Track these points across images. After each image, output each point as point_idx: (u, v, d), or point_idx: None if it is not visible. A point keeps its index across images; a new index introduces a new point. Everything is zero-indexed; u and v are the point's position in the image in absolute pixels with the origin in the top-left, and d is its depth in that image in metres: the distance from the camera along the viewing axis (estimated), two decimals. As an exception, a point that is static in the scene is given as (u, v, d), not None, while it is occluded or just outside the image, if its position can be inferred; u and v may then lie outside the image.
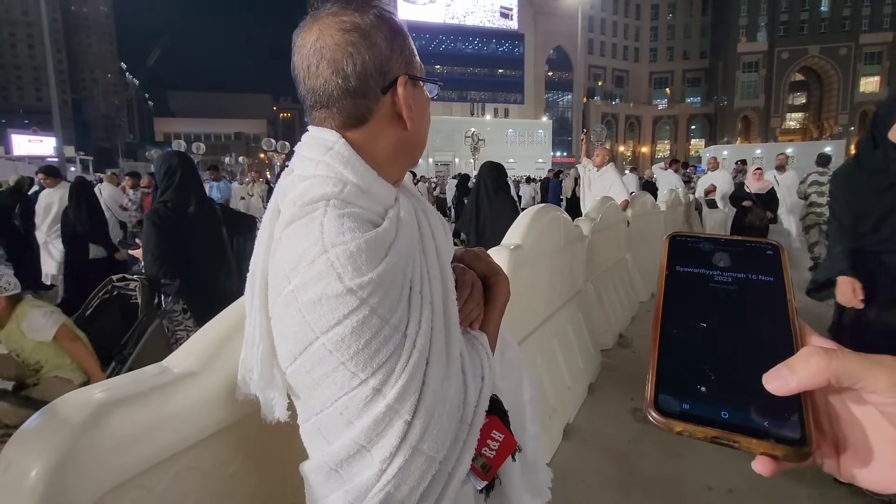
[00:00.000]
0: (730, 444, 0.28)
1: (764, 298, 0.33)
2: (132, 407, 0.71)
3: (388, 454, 0.56)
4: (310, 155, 0.66)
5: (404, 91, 0.66)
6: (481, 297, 0.77)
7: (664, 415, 0.29)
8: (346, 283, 0.55)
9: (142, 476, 0.73)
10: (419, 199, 0.75)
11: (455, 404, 0.62)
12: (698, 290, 0.34)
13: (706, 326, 0.32)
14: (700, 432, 0.28)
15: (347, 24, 0.64)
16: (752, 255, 0.36)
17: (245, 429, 0.91)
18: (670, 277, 0.36)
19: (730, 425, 0.28)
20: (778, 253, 0.35)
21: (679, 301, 0.34)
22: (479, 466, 0.69)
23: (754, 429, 0.28)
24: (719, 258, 0.36)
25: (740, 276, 0.34)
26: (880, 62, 51.21)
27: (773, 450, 0.27)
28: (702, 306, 0.33)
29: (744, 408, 0.28)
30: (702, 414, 0.28)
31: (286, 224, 0.62)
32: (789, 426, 0.27)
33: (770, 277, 0.34)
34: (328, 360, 0.56)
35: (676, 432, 0.28)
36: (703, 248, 0.37)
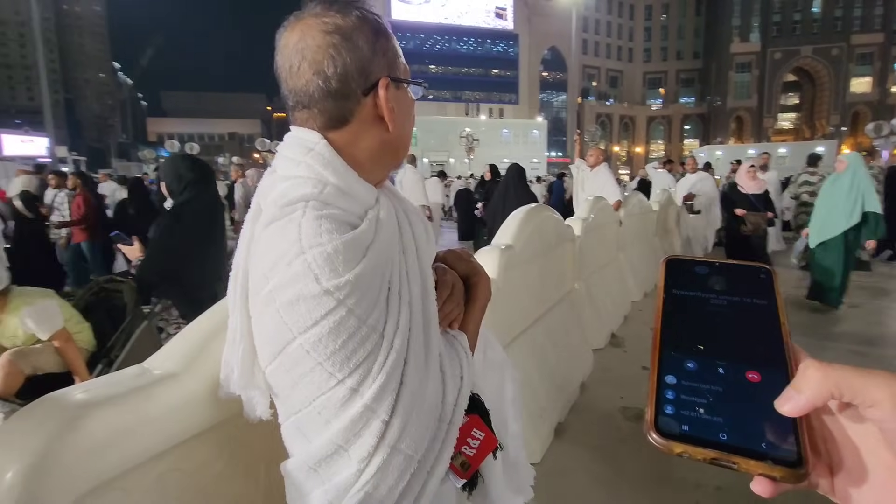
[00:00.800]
0: (729, 465, 0.28)
1: (758, 321, 0.34)
2: (110, 409, 0.71)
3: (367, 454, 0.56)
4: (291, 155, 0.66)
5: (386, 93, 0.67)
6: (462, 297, 0.77)
7: (664, 436, 0.29)
8: (323, 285, 0.55)
9: (121, 478, 0.73)
10: (401, 200, 0.76)
11: (433, 403, 0.62)
12: (695, 313, 0.35)
13: (703, 349, 0.33)
14: (699, 454, 0.29)
15: (329, 26, 0.64)
16: (745, 279, 0.37)
17: (229, 429, 0.91)
18: (668, 300, 0.36)
19: (728, 447, 0.28)
20: (770, 277, 0.36)
21: (677, 324, 0.35)
22: (459, 465, 0.70)
23: (752, 450, 0.28)
24: (715, 282, 0.37)
25: (735, 300, 0.35)
26: (872, 63, 51.66)
27: (771, 471, 0.28)
28: (699, 329, 0.34)
29: (741, 430, 0.29)
30: (701, 436, 0.29)
31: (265, 225, 0.62)
32: (786, 448, 0.28)
33: (763, 301, 0.35)
34: (306, 360, 0.56)
35: (677, 453, 0.29)
36: (699, 271, 0.38)
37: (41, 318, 2.02)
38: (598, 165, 5.31)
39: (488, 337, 0.89)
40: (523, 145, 46.66)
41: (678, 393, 0.31)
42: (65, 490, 0.66)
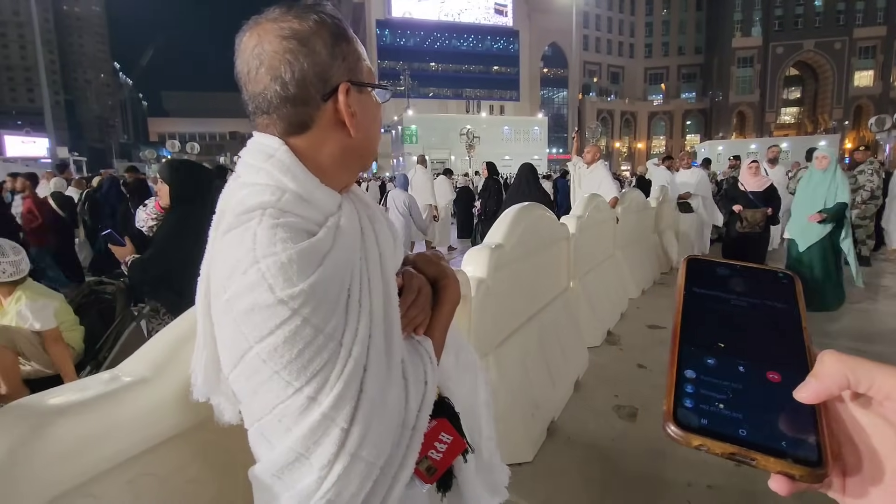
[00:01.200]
0: (747, 461, 0.28)
1: (779, 324, 0.34)
2: (77, 415, 0.71)
3: (327, 461, 0.56)
4: (252, 161, 0.66)
5: (345, 99, 0.66)
6: (428, 301, 0.77)
7: (683, 428, 0.29)
8: (277, 294, 0.55)
9: (90, 484, 0.73)
10: (367, 206, 0.75)
11: (395, 410, 0.62)
12: (715, 311, 0.35)
13: (724, 347, 0.33)
14: (718, 447, 0.28)
15: (286, 31, 0.64)
16: (766, 283, 0.37)
17: (204, 434, 0.91)
18: (688, 297, 0.36)
19: (747, 442, 0.28)
20: (792, 282, 0.36)
21: (697, 320, 0.35)
22: (424, 469, 0.70)
23: (772, 448, 0.28)
24: (735, 283, 0.37)
25: (755, 302, 0.35)
26: (874, 56, 51.38)
27: (791, 469, 0.27)
28: (719, 326, 0.34)
29: (761, 427, 0.29)
30: (720, 430, 0.29)
31: (224, 232, 0.62)
32: (807, 447, 0.28)
33: (784, 304, 0.35)
34: (263, 369, 0.56)
35: (695, 446, 0.29)
36: (720, 272, 0.38)
37: (37, 313, 2.06)
38: (594, 162, 5.30)
39: (460, 340, 0.89)
40: (524, 142, 46.57)
41: (698, 387, 0.31)
42: (31, 497, 0.66)
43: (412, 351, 0.70)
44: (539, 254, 2.89)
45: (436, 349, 0.74)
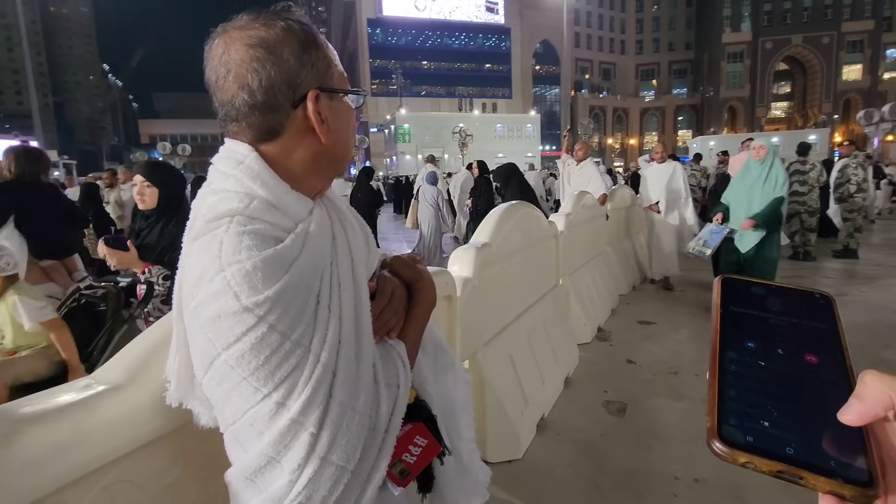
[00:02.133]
0: (795, 479, 0.27)
1: (820, 343, 0.34)
2: (46, 424, 0.71)
3: (297, 465, 0.57)
4: (222, 168, 0.67)
5: (315, 106, 0.66)
6: (401, 305, 0.77)
7: (728, 445, 0.29)
8: (243, 302, 0.55)
9: (63, 491, 0.73)
10: (340, 211, 0.75)
11: (366, 414, 0.63)
12: (755, 329, 0.35)
13: (765, 365, 0.32)
14: (766, 465, 0.28)
15: (253, 39, 0.64)
16: (803, 302, 0.36)
17: (182, 438, 0.91)
18: (726, 314, 0.36)
19: (796, 461, 0.28)
20: (830, 303, 0.36)
21: (736, 336, 0.34)
22: (398, 472, 0.70)
23: (821, 467, 0.28)
24: (771, 303, 0.36)
25: (794, 321, 0.35)
26: (862, 50, 51.82)
27: (841, 489, 0.27)
28: (758, 344, 0.34)
29: (809, 446, 0.28)
30: (767, 447, 0.28)
31: (193, 239, 0.63)
32: (857, 467, 0.27)
33: (823, 325, 0.35)
34: (231, 376, 0.57)
35: (741, 463, 0.28)
36: (755, 291, 0.37)
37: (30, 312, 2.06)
38: (584, 160, 5.32)
39: (439, 342, 0.89)
40: (517, 140, 46.61)
41: (742, 405, 0.30)
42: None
43: (385, 355, 0.70)
44: (527, 252, 2.90)
45: (410, 352, 0.74)
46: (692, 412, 2.66)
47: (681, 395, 2.88)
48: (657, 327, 4.13)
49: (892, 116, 14.90)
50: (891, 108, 14.96)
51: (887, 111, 14.87)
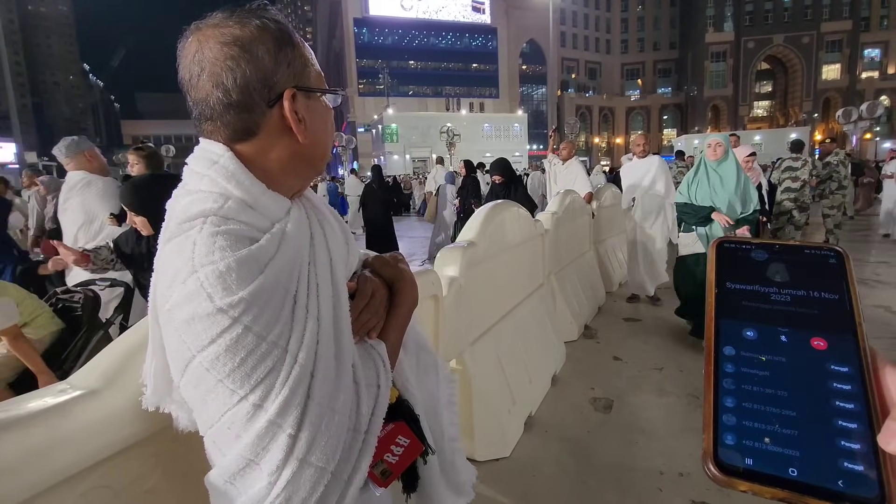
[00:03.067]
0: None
1: (830, 319, 0.30)
2: (18, 431, 0.69)
3: (276, 467, 0.56)
4: (197, 169, 0.66)
5: (291, 105, 0.65)
6: (382, 305, 0.77)
7: (725, 472, 0.26)
8: (216, 303, 0.55)
9: (38, 498, 0.72)
10: (319, 211, 0.75)
11: (346, 415, 0.62)
12: (755, 312, 0.31)
13: (766, 360, 0.29)
14: (767, 493, 0.26)
15: (227, 37, 0.63)
16: (811, 266, 0.32)
17: (161, 443, 0.90)
18: (721, 298, 0.32)
19: (800, 485, 0.25)
20: (842, 261, 0.32)
21: (734, 326, 0.30)
22: (379, 473, 0.70)
23: (828, 490, 0.25)
24: (775, 270, 0.32)
25: (801, 294, 0.31)
26: (841, 49, 52.91)
27: None
28: (761, 333, 0.30)
29: (815, 464, 0.26)
30: (767, 471, 0.26)
31: (166, 241, 0.62)
32: (868, 483, 0.25)
33: (835, 294, 0.31)
34: (207, 378, 0.56)
35: (741, 491, 0.26)
36: (756, 257, 0.33)
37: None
38: (570, 159, 5.36)
39: (421, 341, 0.89)
40: (505, 139, 46.75)
41: (740, 418, 0.27)
42: (-25, 514, 0.65)
43: (364, 355, 0.70)
44: (514, 250, 2.91)
45: (391, 352, 0.74)
46: (676, 408, 2.70)
47: (665, 391, 2.92)
48: (643, 324, 4.18)
49: (869, 115, 15.23)
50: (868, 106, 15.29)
51: (865, 110, 15.20)
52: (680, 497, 2.02)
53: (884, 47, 54.10)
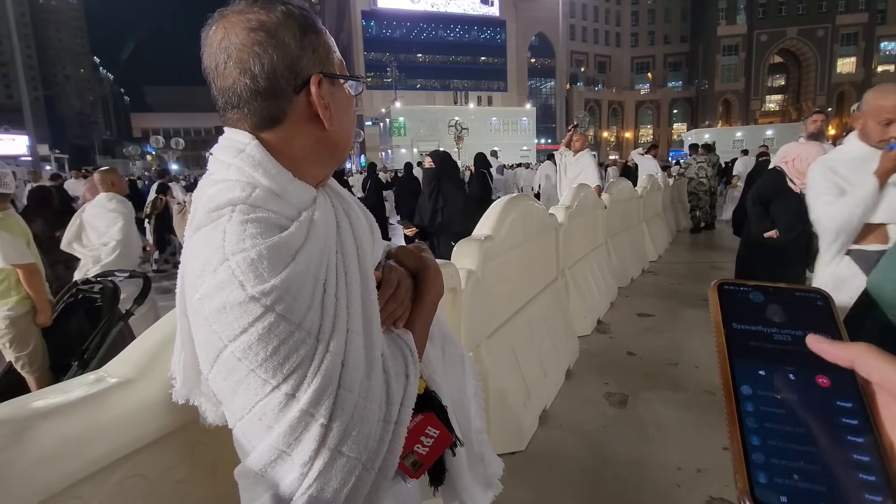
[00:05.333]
0: None
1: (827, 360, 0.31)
2: (59, 419, 0.70)
3: (308, 458, 0.56)
4: (222, 158, 0.65)
5: (318, 90, 0.65)
6: (407, 294, 0.76)
7: None
8: (249, 291, 0.54)
9: (77, 486, 0.72)
10: (344, 199, 0.74)
11: (376, 405, 0.62)
12: (762, 351, 0.32)
13: (780, 398, 0.30)
14: None
15: (253, 23, 0.62)
16: (803, 307, 0.34)
17: (192, 434, 0.90)
18: (731, 338, 0.33)
19: None
20: (828, 302, 0.34)
21: (746, 365, 0.31)
22: (410, 464, 0.69)
23: None
24: (773, 311, 0.34)
25: (799, 334, 0.32)
26: (856, 43, 51.96)
27: None
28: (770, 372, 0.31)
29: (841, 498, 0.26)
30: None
31: (194, 231, 0.61)
32: None
33: (827, 334, 0.32)
34: (239, 368, 0.56)
35: None
36: (754, 299, 0.34)
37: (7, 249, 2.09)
38: (581, 151, 5.33)
39: (446, 332, 0.88)
40: (512, 133, 46.53)
41: (768, 456, 0.28)
42: (19, 501, 0.65)
43: (392, 345, 0.69)
44: (528, 244, 2.89)
45: (417, 342, 0.73)
46: (692, 403, 2.68)
47: (681, 386, 2.90)
48: (656, 319, 4.15)
49: (885, 109, 14.95)
50: (885, 100, 15.01)
51: (881, 104, 14.93)
52: (698, 493, 2.01)
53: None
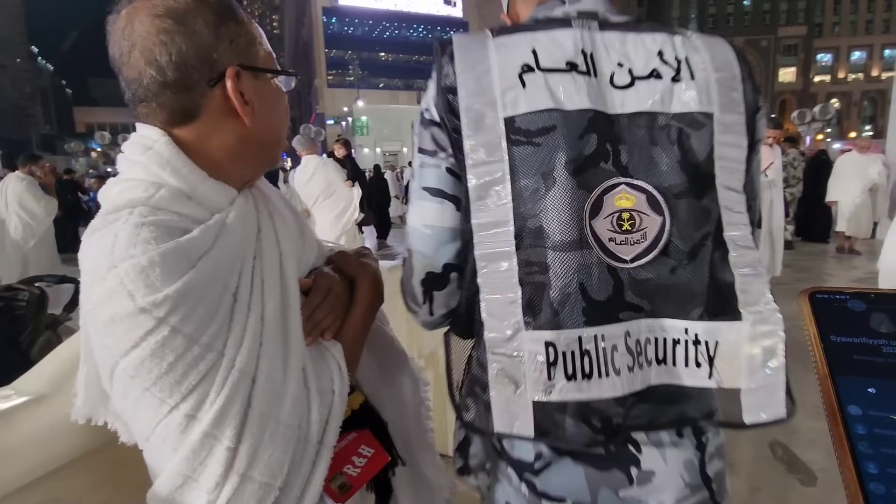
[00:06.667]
0: None
1: None
2: (-47, 443, 0.64)
3: (215, 484, 0.52)
4: (130, 155, 0.61)
5: (235, 84, 0.60)
6: (340, 303, 0.71)
7: None
8: (138, 302, 0.50)
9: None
10: (270, 202, 0.70)
11: (293, 425, 0.58)
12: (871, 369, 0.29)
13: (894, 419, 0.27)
14: None
15: (160, 9, 0.58)
16: None
17: (116, 452, 0.85)
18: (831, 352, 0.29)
19: None
20: None
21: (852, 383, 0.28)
22: (337, 487, 0.64)
23: None
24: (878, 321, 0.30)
25: None
26: (796, 53, 55.43)
27: None
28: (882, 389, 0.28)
29: None
30: None
31: (89, 234, 0.56)
32: None
33: None
34: (133, 386, 0.52)
35: None
36: (854, 307, 0.31)
37: None
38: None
39: (392, 342, 0.84)
40: (476, 134, 46.81)
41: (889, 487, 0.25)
42: None
43: (318, 358, 0.65)
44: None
45: (349, 355, 0.69)
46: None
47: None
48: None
49: (821, 117, 15.99)
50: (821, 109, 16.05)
51: (818, 112, 15.94)
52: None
53: (835, 52, 57.02)
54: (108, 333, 0.52)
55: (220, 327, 0.54)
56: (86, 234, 0.57)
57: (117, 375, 0.53)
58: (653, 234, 0.59)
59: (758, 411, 0.60)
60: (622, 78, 0.62)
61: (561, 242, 0.58)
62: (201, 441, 0.52)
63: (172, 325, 0.51)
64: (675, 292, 0.61)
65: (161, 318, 0.50)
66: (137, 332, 0.50)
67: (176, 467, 0.53)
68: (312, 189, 4.35)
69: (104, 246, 0.53)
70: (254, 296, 0.59)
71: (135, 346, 0.50)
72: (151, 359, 0.50)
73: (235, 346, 0.55)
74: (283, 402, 0.57)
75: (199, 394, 0.52)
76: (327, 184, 4.35)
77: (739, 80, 0.65)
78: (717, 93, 0.62)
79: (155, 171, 0.58)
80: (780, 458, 2.24)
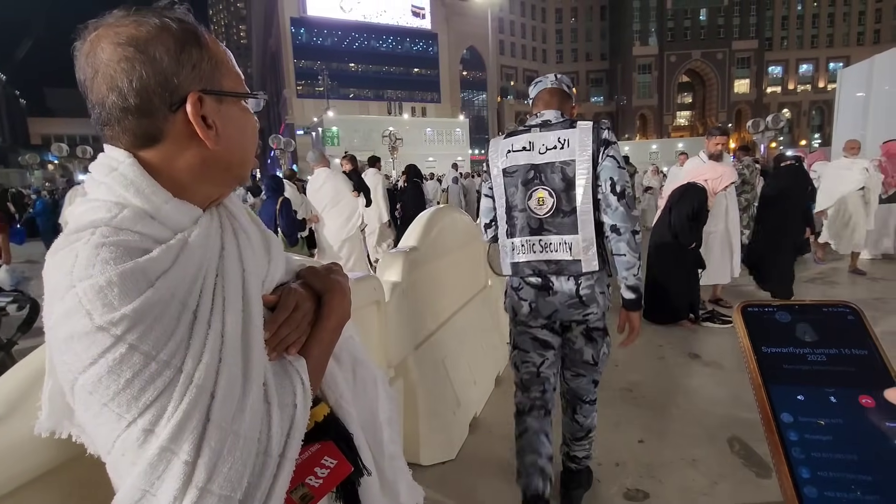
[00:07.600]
0: None
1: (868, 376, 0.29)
2: None
3: (173, 497, 0.52)
4: (96, 176, 0.62)
5: (195, 109, 0.62)
6: (305, 318, 0.72)
7: None
8: (96, 321, 0.51)
9: (-72, 543, 0.65)
10: (236, 220, 0.71)
11: (253, 438, 0.58)
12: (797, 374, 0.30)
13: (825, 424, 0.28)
14: None
15: (122, 37, 0.59)
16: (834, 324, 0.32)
17: (78, 470, 0.83)
18: (763, 362, 0.31)
19: None
20: (859, 316, 0.32)
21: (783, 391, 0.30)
22: (298, 498, 0.65)
23: None
24: (803, 331, 0.32)
25: (834, 353, 0.31)
26: (749, 66, 58.32)
27: None
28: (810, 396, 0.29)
29: None
30: None
31: (52, 254, 0.57)
32: None
33: (863, 350, 0.30)
34: (91, 402, 0.53)
35: None
36: (781, 319, 0.33)
37: None
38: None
39: (358, 355, 0.86)
40: (447, 143, 47.17)
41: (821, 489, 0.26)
42: None
43: (281, 372, 0.66)
44: (455, 254, 2.95)
45: (314, 368, 0.70)
46: (610, 402, 2.84)
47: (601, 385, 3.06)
48: (580, 322, 4.36)
49: (774, 126, 16.85)
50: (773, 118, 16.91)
51: (770, 121, 16.79)
52: (616, 485, 2.13)
53: (785, 65, 60.32)
54: (66, 350, 0.53)
55: (179, 344, 0.55)
56: (49, 252, 0.58)
57: (77, 391, 0.53)
58: (550, 205, 1.72)
59: (587, 266, 1.71)
60: (542, 149, 1.72)
61: (518, 208, 1.77)
62: (159, 455, 0.52)
63: (130, 342, 0.51)
64: (559, 226, 1.71)
65: (118, 335, 0.51)
66: (95, 350, 0.51)
67: (134, 481, 0.53)
68: (321, 197, 4.93)
69: (65, 265, 0.54)
70: (214, 313, 0.59)
71: (92, 363, 0.51)
72: (109, 375, 0.51)
73: (194, 361, 0.55)
74: (243, 416, 0.58)
75: (156, 409, 0.52)
76: (335, 192, 4.91)
77: (589, 142, 1.66)
78: (578, 150, 1.67)
79: (119, 191, 0.59)
80: (738, 452, 2.34)
